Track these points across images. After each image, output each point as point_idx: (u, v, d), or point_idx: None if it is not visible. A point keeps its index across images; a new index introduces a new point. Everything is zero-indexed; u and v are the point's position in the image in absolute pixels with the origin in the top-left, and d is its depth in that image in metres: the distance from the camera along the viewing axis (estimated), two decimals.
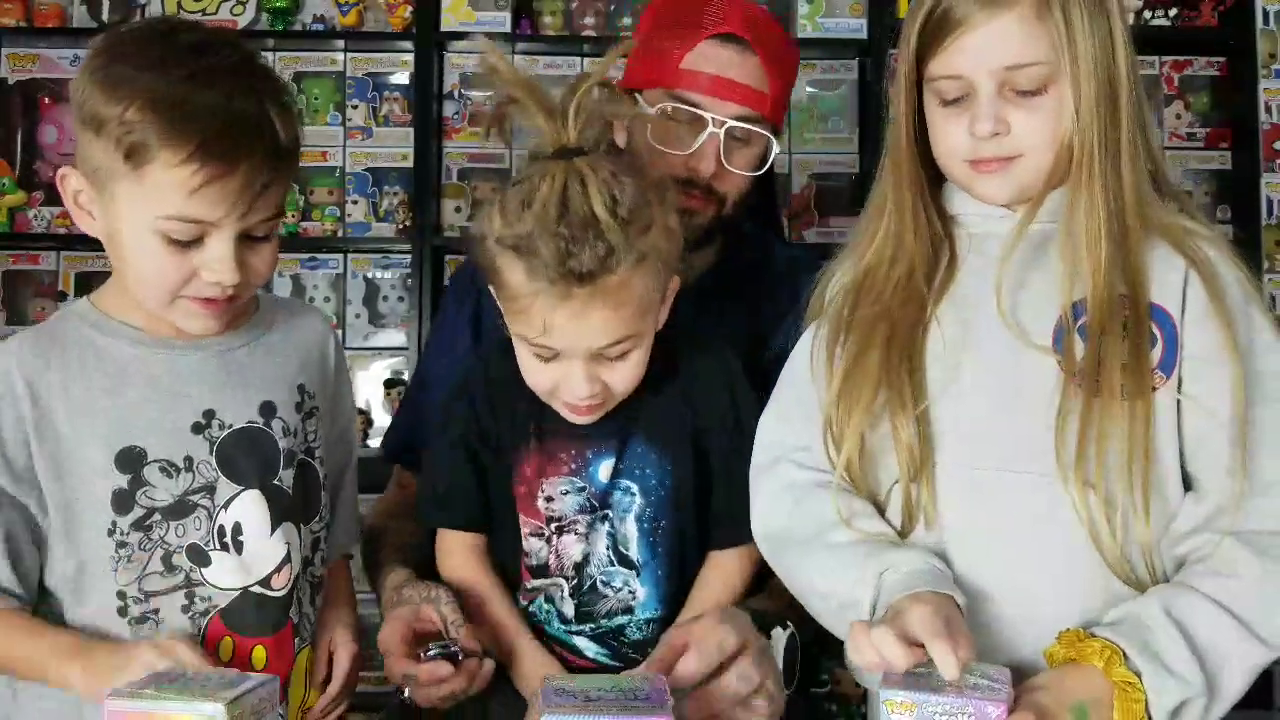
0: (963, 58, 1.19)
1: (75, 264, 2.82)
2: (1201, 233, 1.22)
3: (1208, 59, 2.88)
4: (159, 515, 1.20)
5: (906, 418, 1.21)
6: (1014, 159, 1.21)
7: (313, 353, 1.36)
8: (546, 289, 1.18)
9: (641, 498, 1.36)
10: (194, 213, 1.12)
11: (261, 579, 1.24)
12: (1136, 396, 1.15)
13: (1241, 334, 1.17)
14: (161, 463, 1.21)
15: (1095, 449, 1.14)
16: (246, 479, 1.24)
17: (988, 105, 1.19)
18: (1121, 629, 1.11)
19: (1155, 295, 1.19)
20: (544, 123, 1.22)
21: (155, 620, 1.20)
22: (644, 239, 1.21)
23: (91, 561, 1.19)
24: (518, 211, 1.20)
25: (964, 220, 1.29)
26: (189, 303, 1.19)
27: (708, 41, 1.53)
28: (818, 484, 1.28)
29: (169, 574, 1.21)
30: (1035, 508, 1.18)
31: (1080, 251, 1.18)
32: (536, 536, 1.38)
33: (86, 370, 1.21)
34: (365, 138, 2.84)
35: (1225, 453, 1.15)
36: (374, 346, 2.85)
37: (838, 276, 1.35)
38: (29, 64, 2.83)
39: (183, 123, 1.10)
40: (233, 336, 1.28)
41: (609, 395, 1.30)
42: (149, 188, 1.11)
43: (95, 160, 1.14)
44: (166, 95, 1.10)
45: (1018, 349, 1.20)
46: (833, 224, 2.82)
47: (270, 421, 1.27)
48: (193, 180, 1.10)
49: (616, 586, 1.36)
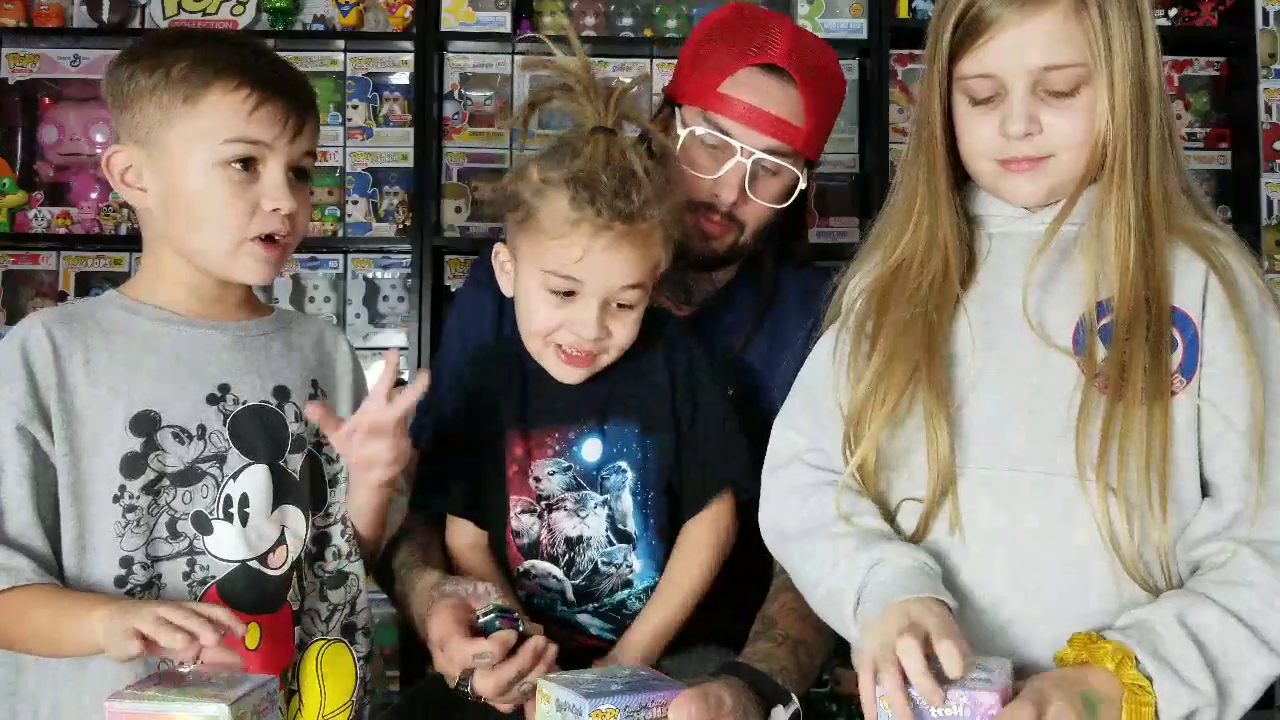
0: (996, 57, 1.18)
1: (75, 264, 2.82)
2: (1221, 238, 1.21)
3: (1208, 59, 2.88)
4: (168, 480, 1.24)
5: (943, 419, 1.20)
6: (1045, 159, 1.20)
7: (329, 357, 1.41)
8: (592, 219, 1.31)
9: (633, 472, 1.39)
10: (252, 133, 1.24)
11: (260, 555, 1.27)
12: (1155, 400, 1.14)
13: (1258, 342, 1.16)
14: (175, 429, 1.25)
15: (1116, 451, 1.14)
16: (256, 454, 1.28)
17: (1021, 105, 1.18)
18: (1133, 633, 1.10)
19: (1176, 299, 1.18)
20: (590, 104, 1.38)
21: (159, 586, 1.23)
22: (665, 208, 1.35)
23: (97, 528, 1.22)
24: (562, 160, 1.35)
25: (985, 221, 1.28)
26: (251, 245, 1.27)
27: (749, 69, 1.52)
28: (826, 483, 1.28)
29: (174, 540, 1.24)
30: (1053, 509, 1.17)
31: (1107, 252, 1.17)
32: (529, 513, 1.41)
33: (110, 343, 1.26)
34: (365, 138, 2.83)
35: (1243, 460, 1.14)
36: (374, 346, 2.84)
37: (859, 278, 1.34)
38: (29, 64, 2.82)
39: (227, 66, 1.25)
40: (253, 324, 1.34)
41: (606, 347, 1.37)
42: (209, 118, 1.24)
43: (147, 123, 1.25)
44: (209, 54, 1.25)
45: (1038, 350, 1.20)
46: (833, 224, 2.82)
47: (283, 405, 1.32)
48: (246, 104, 1.24)
49: (617, 563, 1.39)
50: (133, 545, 1.22)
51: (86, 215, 2.78)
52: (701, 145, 1.53)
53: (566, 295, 1.35)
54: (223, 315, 1.32)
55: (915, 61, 2.79)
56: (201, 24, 2.73)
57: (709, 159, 1.53)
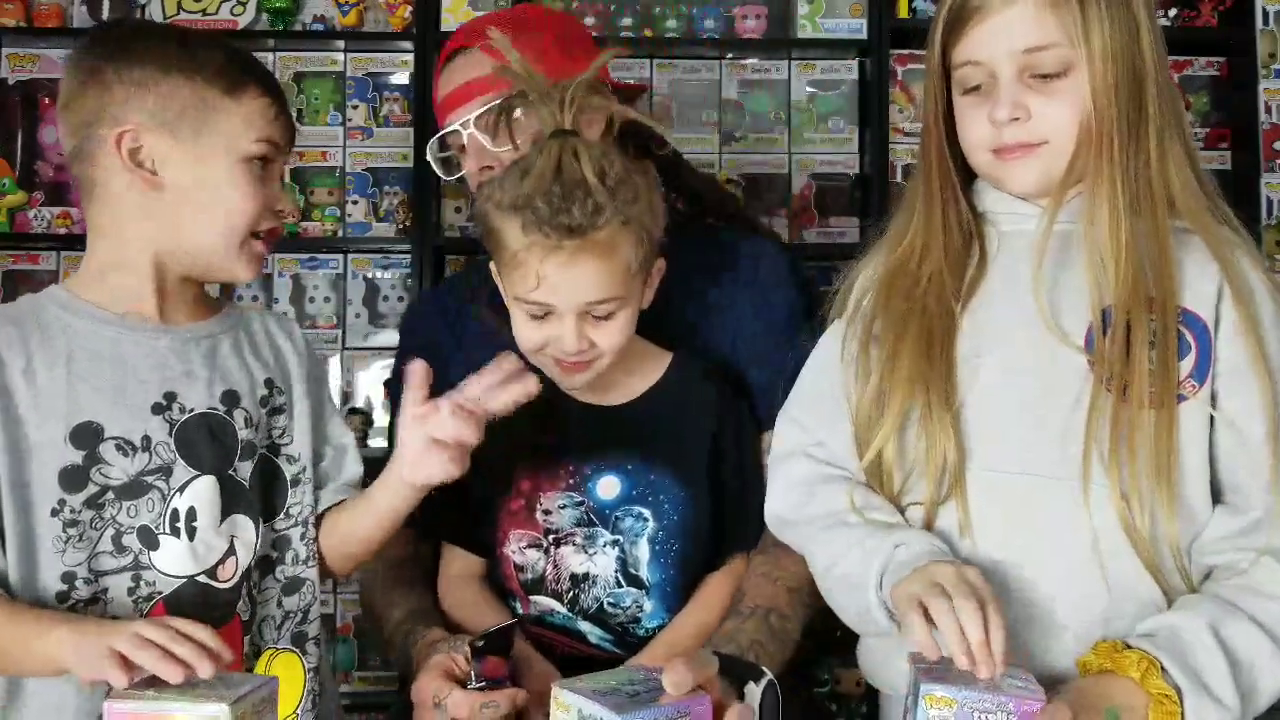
0: (982, 43, 1.19)
1: (75, 264, 2.79)
2: (1237, 242, 1.20)
3: (1208, 59, 2.88)
4: (112, 494, 1.20)
5: (943, 418, 1.20)
6: (1038, 146, 1.19)
7: (283, 352, 1.36)
8: (540, 241, 1.28)
9: (655, 522, 1.37)
10: (274, 135, 1.29)
11: (208, 569, 1.23)
12: (1162, 404, 1.13)
13: (1274, 349, 1.16)
14: (119, 440, 1.21)
15: (1125, 454, 1.13)
16: (204, 464, 1.23)
17: (1007, 91, 1.18)
18: (1159, 641, 1.09)
19: (1190, 302, 1.17)
20: (544, 108, 1.33)
21: (104, 601, 1.19)
22: (630, 206, 1.30)
23: (39, 540, 1.17)
24: (517, 179, 1.31)
25: (994, 218, 1.27)
26: (254, 241, 1.29)
27: (443, 68, 1.57)
28: (833, 477, 1.28)
29: (119, 554, 1.20)
30: (1062, 509, 1.17)
31: (1104, 248, 1.16)
32: (534, 548, 1.39)
33: (51, 348, 1.21)
34: (365, 138, 2.83)
35: (1261, 468, 1.14)
36: (374, 346, 2.84)
37: (864, 275, 1.34)
38: (29, 64, 2.82)
39: (249, 70, 1.29)
40: (203, 325, 1.30)
41: (597, 354, 1.35)
42: (247, 114, 1.26)
43: (176, 106, 1.24)
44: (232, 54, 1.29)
45: (1046, 348, 1.19)
46: (833, 224, 2.82)
47: (232, 410, 1.27)
48: (270, 110, 1.28)
49: (625, 606, 1.38)
50: (74, 560, 1.17)
51: None
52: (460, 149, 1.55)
53: (543, 316, 1.33)
54: (172, 316, 1.27)
55: (915, 61, 2.79)
56: (201, 24, 2.74)
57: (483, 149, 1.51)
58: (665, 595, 1.38)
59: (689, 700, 1.05)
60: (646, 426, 1.40)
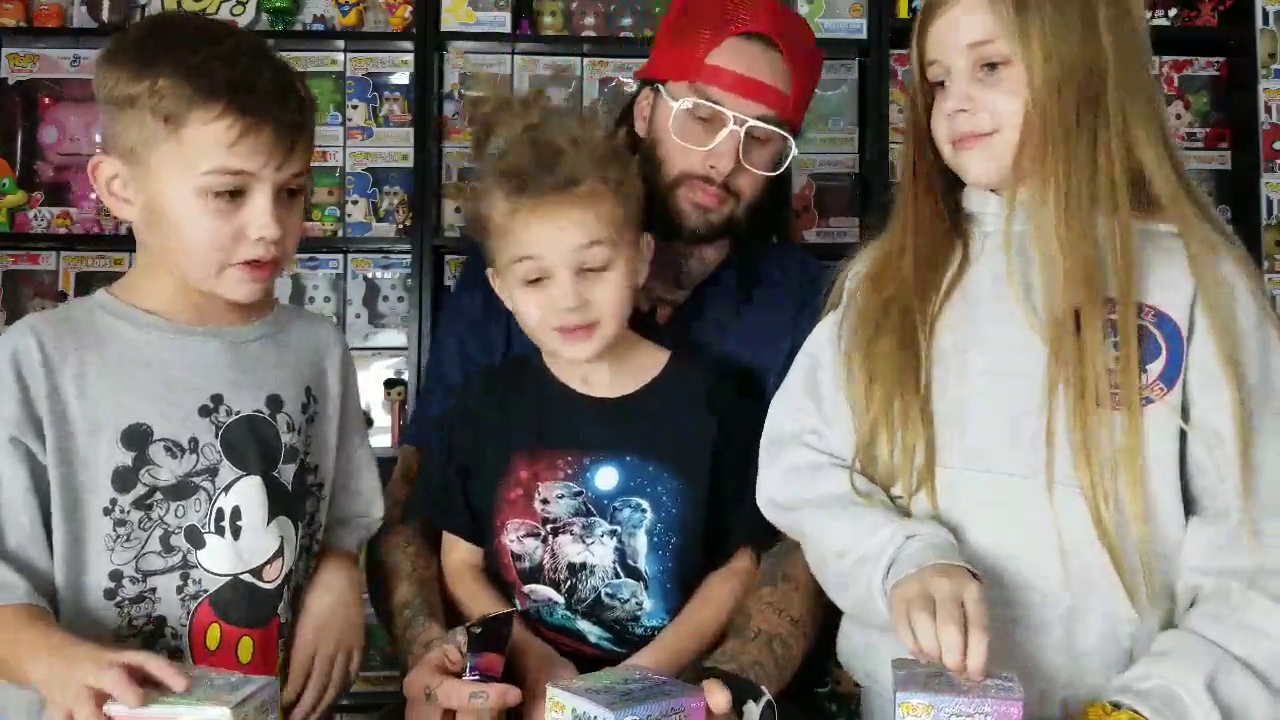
0: (938, 40, 1.24)
1: (75, 264, 2.82)
2: (1220, 244, 1.20)
3: (1207, 59, 2.88)
4: (160, 494, 1.22)
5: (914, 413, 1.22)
6: (989, 135, 1.22)
7: (322, 358, 1.37)
8: (523, 204, 1.33)
9: (653, 513, 1.38)
10: (235, 164, 1.18)
11: (253, 569, 1.25)
12: (1124, 405, 1.13)
13: (1256, 355, 1.15)
14: (167, 442, 1.23)
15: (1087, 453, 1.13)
16: (249, 465, 1.25)
17: (957, 83, 1.22)
18: (1154, 702, 1.08)
19: (1161, 302, 1.17)
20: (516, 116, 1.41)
21: (152, 600, 1.21)
22: (608, 168, 1.37)
23: (88, 540, 1.19)
24: (496, 161, 1.39)
25: (980, 219, 1.29)
26: (236, 270, 1.23)
27: (735, 39, 1.53)
28: (827, 464, 1.29)
29: (167, 554, 1.22)
30: (1030, 506, 1.17)
31: (1050, 245, 1.17)
32: (532, 537, 1.39)
33: (102, 353, 1.23)
34: (365, 138, 2.83)
35: (1231, 470, 1.13)
36: (374, 346, 2.85)
37: (856, 269, 1.36)
38: (29, 64, 2.82)
39: (210, 87, 1.16)
40: (247, 330, 1.31)
41: (596, 317, 1.36)
42: (189, 147, 1.17)
43: (131, 137, 1.19)
44: (193, 66, 1.17)
45: (1019, 347, 1.20)
46: (833, 224, 2.82)
47: (276, 415, 1.29)
48: (228, 135, 1.17)
49: (624, 598, 1.38)
50: (123, 559, 1.20)
51: (86, 215, 2.78)
52: (692, 118, 1.53)
53: (539, 282, 1.36)
54: (216, 319, 1.28)
55: None
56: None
57: (701, 131, 1.53)
58: (663, 588, 1.39)
59: (683, 698, 1.05)
60: (646, 419, 1.41)
